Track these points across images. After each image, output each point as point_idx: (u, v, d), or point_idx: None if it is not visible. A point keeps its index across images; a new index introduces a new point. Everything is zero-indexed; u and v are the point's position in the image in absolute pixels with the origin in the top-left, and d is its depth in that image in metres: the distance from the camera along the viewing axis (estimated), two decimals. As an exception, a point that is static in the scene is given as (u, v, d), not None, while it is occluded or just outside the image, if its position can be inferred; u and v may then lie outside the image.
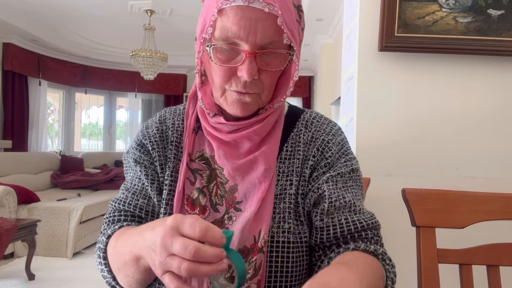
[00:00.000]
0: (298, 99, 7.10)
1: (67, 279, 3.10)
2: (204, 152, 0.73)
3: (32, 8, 4.64)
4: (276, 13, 0.58)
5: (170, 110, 0.80)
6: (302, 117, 0.77)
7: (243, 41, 0.60)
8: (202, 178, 0.71)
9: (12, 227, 2.72)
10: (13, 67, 5.32)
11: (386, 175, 1.41)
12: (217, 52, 0.62)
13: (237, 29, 0.59)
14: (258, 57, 0.61)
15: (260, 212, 0.66)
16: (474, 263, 0.83)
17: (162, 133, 0.76)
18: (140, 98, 7.30)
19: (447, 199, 0.85)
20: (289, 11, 0.61)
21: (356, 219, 0.68)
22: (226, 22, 0.59)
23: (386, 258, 0.66)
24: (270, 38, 0.60)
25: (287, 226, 0.68)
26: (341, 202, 0.69)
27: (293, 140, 0.74)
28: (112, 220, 0.74)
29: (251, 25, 0.59)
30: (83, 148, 7.24)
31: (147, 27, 4.70)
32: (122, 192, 0.76)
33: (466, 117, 1.42)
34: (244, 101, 0.65)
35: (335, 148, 0.73)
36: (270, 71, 0.63)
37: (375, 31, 1.40)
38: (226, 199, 0.70)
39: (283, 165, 0.72)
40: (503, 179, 1.41)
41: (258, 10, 0.58)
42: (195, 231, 0.48)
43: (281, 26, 0.59)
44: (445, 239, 0.89)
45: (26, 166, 4.55)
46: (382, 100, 1.43)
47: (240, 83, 0.63)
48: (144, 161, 0.74)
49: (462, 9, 1.36)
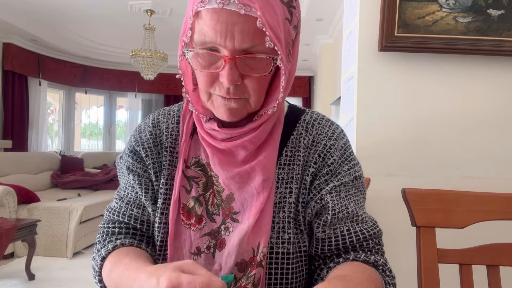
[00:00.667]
0: (298, 99, 7.10)
1: (67, 279, 3.10)
2: (200, 158, 0.69)
3: (32, 8, 4.64)
4: (254, 14, 0.53)
5: (163, 112, 0.76)
6: (303, 118, 0.73)
7: (221, 46, 0.56)
8: (198, 186, 0.68)
9: (12, 227, 2.72)
10: (13, 67, 5.32)
11: (386, 175, 1.41)
12: (197, 57, 0.59)
13: (214, 34, 0.55)
14: (240, 62, 0.57)
15: (259, 224, 0.63)
16: (474, 263, 0.83)
17: (156, 138, 0.72)
18: (140, 98, 7.30)
19: (447, 199, 0.85)
20: (272, 10, 0.55)
21: (358, 229, 0.66)
22: (203, 26, 0.56)
23: (386, 269, 0.65)
24: (250, 42, 0.55)
25: (286, 237, 0.65)
26: (343, 213, 0.66)
27: (293, 145, 0.70)
28: (106, 232, 0.72)
29: (228, 29, 0.54)
30: (83, 148, 7.24)
31: (147, 27, 4.70)
32: (116, 202, 0.73)
33: (466, 117, 1.42)
34: (230, 107, 0.61)
35: (338, 153, 0.69)
36: (255, 76, 0.59)
37: (375, 31, 1.40)
38: (223, 208, 0.67)
39: (282, 171, 0.68)
40: (503, 179, 1.41)
41: (235, 13, 0.54)
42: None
43: (262, 28, 0.54)
44: (445, 239, 0.89)
45: (26, 166, 4.55)
46: (382, 100, 1.43)
47: (223, 89, 0.59)
48: (137, 168, 0.71)
49: (462, 9, 1.36)
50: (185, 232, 0.66)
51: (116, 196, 0.74)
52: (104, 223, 0.73)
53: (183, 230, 0.66)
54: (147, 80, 5.54)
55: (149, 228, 0.71)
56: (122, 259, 0.62)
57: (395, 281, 0.65)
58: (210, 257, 0.66)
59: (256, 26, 0.54)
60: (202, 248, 0.66)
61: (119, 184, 0.77)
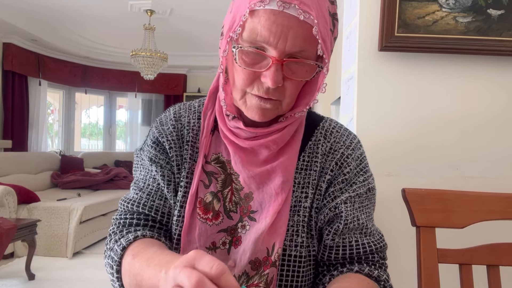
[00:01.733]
0: (298, 99, 7.10)
1: (67, 279, 3.10)
2: (220, 155, 0.70)
3: (32, 8, 4.64)
4: (311, 22, 0.55)
5: (184, 107, 0.76)
6: (321, 125, 0.74)
7: (271, 46, 0.56)
8: (217, 182, 0.69)
9: (12, 227, 2.72)
10: (13, 67, 5.32)
11: (386, 175, 1.41)
12: (243, 54, 0.59)
13: (268, 34, 0.56)
14: (285, 65, 0.58)
15: (275, 225, 0.65)
16: (474, 263, 0.83)
17: (178, 132, 0.72)
18: (140, 98, 7.30)
19: (447, 199, 0.85)
20: (324, 20, 0.57)
21: (366, 241, 0.68)
22: (257, 25, 0.56)
23: (387, 285, 0.66)
24: (300, 47, 0.57)
25: (300, 240, 0.67)
26: (354, 224, 0.68)
27: (311, 150, 0.71)
28: (123, 223, 0.70)
29: (283, 32, 0.55)
30: (83, 147, 7.24)
31: (147, 27, 4.70)
32: (136, 192, 0.72)
33: (466, 117, 1.42)
34: (264, 108, 0.61)
35: (354, 163, 0.71)
36: (296, 81, 0.60)
37: (375, 31, 1.40)
38: (240, 206, 0.68)
39: (299, 176, 0.69)
40: (503, 179, 1.41)
41: (292, 17, 0.55)
42: (212, 268, 0.42)
43: (316, 36, 0.55)
44: (445, 239, 0.89)
45: (26, 166, 4.55)
46: (382, 100, 1.43)
47: (262, 89, 0.60)
48: (160, 160, 0.71)
49: (462, 9, 1.36)
50: (201, 226, 0.67)
51: (135, 187, 0.74)
52: (120, 214, 0.72)
53: (199, 224, 0.67)
54: (147, 80, 5.54)
55: (169, 220, 0.71)
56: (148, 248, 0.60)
57: None
58: (225, 253, 0.67)
59: (309, 33, 0.56)
60: (218, 243, 0.68)
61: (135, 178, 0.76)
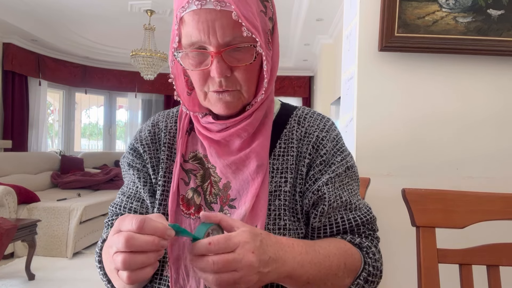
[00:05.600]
0: (298, 99, 7.10)
1: (67, 279, 3.10)
2: (198, 152, 0.74)
3: (32, 8, 4.64)
4: (229, 8, 0.59)
5: (163, 114, 0.82)
6: (295, 113, 0.78)
7: (207, 43, 0.62)
8: (196, 177, 0.72)
9: (12, 227, 2.72)
10: (13, 67, 5.32)
11: (386, 175, 1.41)
12: (188, 58, 0.65)
13: (198, 33, 0.61)
14: (226, 55, 0.62)
15: (255, 208, 0.67)
16: (474, 263, 0.83)
17: (154, 136, 0.78)
18: (140, 98, 7.31)
19: (447, 199, 0.86)
20: (246, 3, 0.61)
21: (351, 216, 0.71)
22: (188, 29, 0.62)
23: (370, 252, 0.69)
24: (231, 34, 0.61)
25: (282, 223, 0.69)
26: (338, 203, 0.71)
27: (286, 137, 0.74)
28: (110, 224, 0.77)
29: (209, 26, 0.60)
30: (83, 148, 7.24)
31: (147, 27, 4.70)
32: (119, 196, 0.79)
33: (466, 117, 1.43)
34: (226, 100, 0.66)
35: (330, 144, 0.74)
36: (243, 66, 0.64)
37: (375, 31, 1.40)
38: (220, 196, 0.71)
39: (277, 162, 0.72)
40: (503, 179, 1.41)
41: (212, 10, 0.60)
42: (132, 224, 0.48)
43: (238, 19, 0.60)
44: (445, 239, 0.89)
45: (26, 166, 4.55)
46: (382, 100, 1.43)
47: (216, 83, 0.64)
48: (136, 164, 0.76)
49: (462, 9, 1.36)
50: (185, 221, 0.70)
51: (120, 192, 0.80)
52: (108, 217, 0.78)
53: (183, 219, 0.70)
54: (147, 80, 5.53)
55: None
56: None
57: (378, 265, 0.69)
58: None
59: (233, 19, 0.60)
60: None
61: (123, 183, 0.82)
